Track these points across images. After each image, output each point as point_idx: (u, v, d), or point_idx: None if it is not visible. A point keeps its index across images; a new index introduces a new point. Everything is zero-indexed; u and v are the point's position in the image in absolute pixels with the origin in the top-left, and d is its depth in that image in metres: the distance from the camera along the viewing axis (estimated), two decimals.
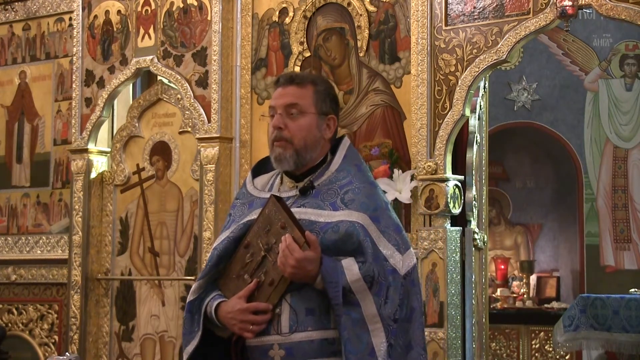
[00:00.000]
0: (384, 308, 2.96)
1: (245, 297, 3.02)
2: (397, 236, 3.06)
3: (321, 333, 2.98)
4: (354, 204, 3.04)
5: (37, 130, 7.38)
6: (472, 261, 5.56)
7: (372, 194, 3.11)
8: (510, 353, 9.37)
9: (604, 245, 9.75)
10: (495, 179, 9.80)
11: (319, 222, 3.02)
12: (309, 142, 3.10)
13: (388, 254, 3.01)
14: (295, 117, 3.09)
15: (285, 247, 2.93)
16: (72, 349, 6.66)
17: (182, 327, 3.21)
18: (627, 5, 5.16)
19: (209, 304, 3.10)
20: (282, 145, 3.09)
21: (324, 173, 3.13)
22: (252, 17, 6.31)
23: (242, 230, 3.12)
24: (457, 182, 5.59)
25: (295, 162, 3.11)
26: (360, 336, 2.93)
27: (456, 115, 5.55)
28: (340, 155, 3.17)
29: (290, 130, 3.08)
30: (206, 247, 6.18)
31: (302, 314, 2.98)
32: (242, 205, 3.23)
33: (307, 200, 3.09)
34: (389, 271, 3.00)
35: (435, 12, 5.64)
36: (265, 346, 3.01)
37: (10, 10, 7.46)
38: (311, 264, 2.94)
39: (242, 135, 6.28)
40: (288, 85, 3.12)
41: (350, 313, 2.94)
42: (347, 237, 2.99)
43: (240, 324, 3.00)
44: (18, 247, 7.38)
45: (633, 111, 9.81)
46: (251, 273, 3.05)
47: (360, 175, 3.14)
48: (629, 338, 6.85)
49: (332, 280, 2.94)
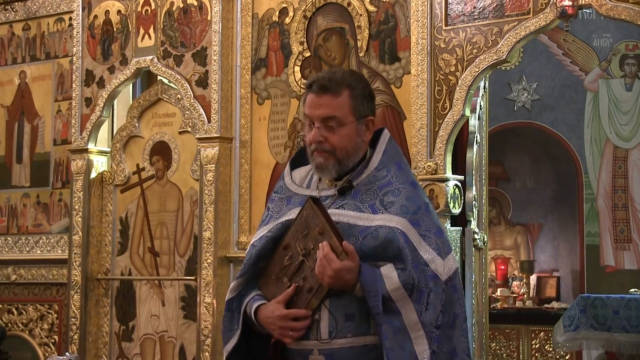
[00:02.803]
0: (425, 315, 2.90)
1: (284, 302, 2.99)
2: (438, 240, 2.99)
3: (361, 339, 2.94)
4: (393, 207, 2.97)
5: (37, 130, 7.37)
6: (472, 261, 5.57)
7: (412, 196, 3.02)
8: (510, 353, 9.37)
9: (604, 245, 9.75)
10: (495, 179, 9.81)
11: (358, 225, 2.96)
12: (350, 150, 3.03)
13: (429, 259, 2.94)
14: (334, 129, 2.99)
15: (323, 257, 2.89)
16: (72, 349, 6.66)
17: (222, 325, 3.18)
18: (627, 5, 5.16)
19: (249, 305, 3.08)
20: (324, 156, 3.01)
21: (363, 171, 3.05)
22: (252, 17, 6.31)
23: (281, 230, 3.07)
24: (457, 182, 5.59)
25: (337, 171, 3.04)
26: (403, 345, 2.88)
27: (456, 115, 5.55)
28: (379, 150, 3.08)
29: (331, 142, 2.99)
30: (206, 247, 6.18)
31: (342, 319, 2.94)
32: (280, 200, 3.17)
33: (345, 201, 3.02)
34: (430, 277, 2.93)
35: (435, 12, 5.64)
36: (305, 351, 2.99)
37: (10, 10, 7.46)
38: (349, 274, 2.89)
39: (242, 135, 6.28)
40: (323, 94, 3.00)
41: (391, 322, 2.89)
42: (386, 243, 2.93)
43: (280, 329, 2.98)
44: (18, 247, 7.38)
45: (633, 111, 9.81)
46: (290, 277, 3.03)
47: (400, 175, 3.06)
48: (629, 338, 6.85)
49: (372, 290, 2.88)
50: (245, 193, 6.26)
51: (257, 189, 6.20)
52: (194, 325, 6.34)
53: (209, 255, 6.19)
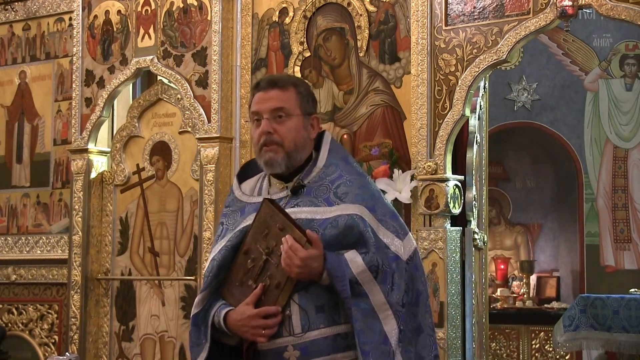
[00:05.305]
0: (391, 295, 2.99)
1: (252, 303, 3.02)
2: (394, 223, 3.10)
3: (334, 329, 3.00)
4: (348, 197, 3.07)
5: (37, 130, 7.38)
6: (472, 261, 5.57)
7: (364, 185, 3.14)
8: (510, 353, 9.37)
9: (604, 245, 9.75)
10: (495, 179, 9.80)
11: (316, 219, 3.04)
12: (298, 143, 3.12)
13: (388, 242, 3.05)
14: (283, 120, 3.11)
15: (288, 248, 2.94)
16: (72, 349, 6.66)
17: (189, 340, 3.20)
18: (627, 5, 5.16)
19: (216, 314, 3.09)
20: (273, 149, 3.10)
21: (312, 170, 3.15)
22: (252, 17, 6.31)
23: (239, 238, 3.12)
24: (457, 182, 5.59)
25: (286, 165, 3.12)
26: (372, 326, 2.96)
27: (456, 115, 5.55)
28: (325, 150, 3.19)
29: (280, 133, 3.10)
30: (206, 247, 6.18)
31: (312, 312, 2.99)
32: (233, 212, 3.23)
33: (299, 200, 3.10)
34: (392, 258, 3.03)
35: (435, 12, 5.64)
36: (280, 348, 3.01)
37: (10, 10, 7.46)
38: (316, 262, 2.96)
39: (242, 135, 6.28)
40: (270, 89, 3.12)
41: (359, 304, 2.96)
42: (347, 230, 3.01)
43: (253, 329, 3.00)
44: (18, 247, 7.38)
45: (633, 111, 9.81)
46: (255, 278, 3.05)
47: (349, 168, 3.17)
48: (629, 338, 6.85)
49: (338, 275, 2.96)
50: None
51: None
52: None
53: (209, 255, 6.18)
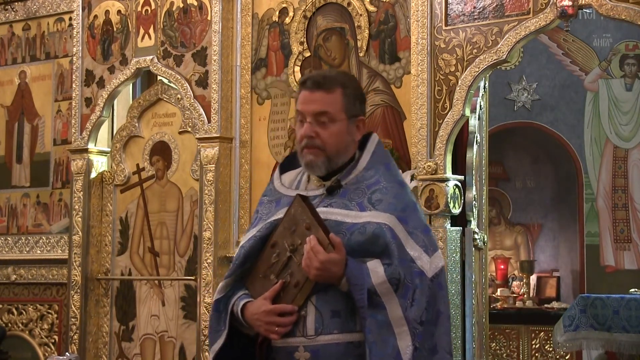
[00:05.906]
0: (409, 311, 2.92)
1: (270, 298, 3.00)
2: (424, 237, 3.02)
3: (347, 336, 2.95)
4: (381, 205, 3.00)
5: (37, 130, 7.38)
6: (472, 261, 5.57)
7: (400, 194, 3.06)
8: (510, 353, 9.37)
9: (604, 245, 9.75)
10: (495, 179, 9.80)
11: (346, 222, 2.99)
12: (340, 148, 3.06)
13: (415, 256, 2.97)
14: (326, 124, 3.03)
15: (310, 249, 2.91)
16: (72, 349, 6.66)
17: (208, 324, 3.18)
18: (627, 5, 5.16)
19: (236, 303, 3.08)
20: (314, 152, 3.04)
21: (352, 172, 3.08)
22: (252, 17, 6.31)
23: (269, 229, 3.09)
24: (457, 182, 5.59)
25: (327, 168, 3.07)
26: (387, 339, 2.89)
27: (456, 115, 5.55)
28: (368, 152, 3.12)
29: (322, 138, 3.03)
30: (206, 247, 6.18)
31: (328, 316, 2.95)
32: (269, 202, 3.21)
33: (334, 200, 3.05)
34: (416, 273, 2.95)
35: (435, 12, 5.64)
36: (291, 348, 2.99)
37: (10, 10, 7.46)
38: (336, 266, 2.90)
39: (242, 135, 6.28)
40: (316, 90, 3.04)
41: (375, 316, 2.90)
42: (374, 238, 2.95)
43: (266, 325, 2.98)
44: (18, 247, 7.38)
45: (633, 111, 9.81)
46: (277, 273, 3.03)
47: (388, 175, 3.10)
48: (629, 338, 6.84)
49: (357, 283, 2.90)
50: (245, 193, 6.27)
51: (257, 189, 6.20)
52: (194, 325, 6.34)
53: (209, 255, 6.19)
